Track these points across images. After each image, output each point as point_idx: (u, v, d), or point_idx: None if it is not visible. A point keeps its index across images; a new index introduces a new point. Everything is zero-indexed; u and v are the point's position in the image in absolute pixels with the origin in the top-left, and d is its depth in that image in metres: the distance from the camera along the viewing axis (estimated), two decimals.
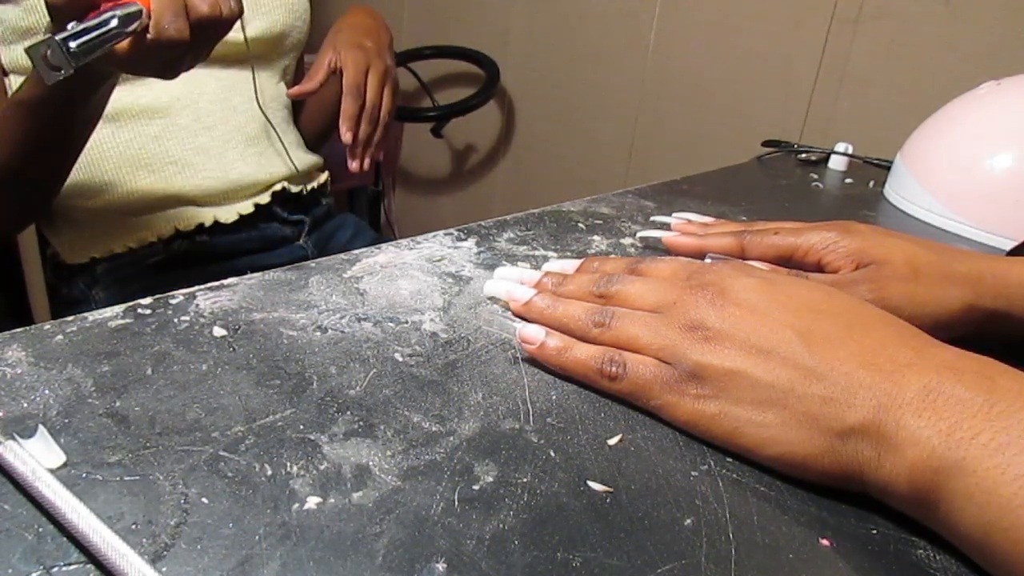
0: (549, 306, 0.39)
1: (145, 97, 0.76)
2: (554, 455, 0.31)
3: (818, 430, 0.29)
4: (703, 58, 1.60)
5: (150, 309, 0.38)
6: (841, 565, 0.27)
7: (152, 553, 0.24)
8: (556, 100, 1.90)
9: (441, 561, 0.25)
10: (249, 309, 0.39)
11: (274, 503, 0.26)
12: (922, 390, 0.28)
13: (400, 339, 0.38)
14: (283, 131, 0.88)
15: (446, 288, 0.44)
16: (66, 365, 0.33)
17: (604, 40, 1.75)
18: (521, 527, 0.27)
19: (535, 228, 0.55)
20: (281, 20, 0.85)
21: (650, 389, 0.33)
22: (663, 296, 0.36)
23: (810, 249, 0.45)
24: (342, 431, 0.31)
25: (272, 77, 0.88)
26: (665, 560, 0.26)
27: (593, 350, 0.35)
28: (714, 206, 0.66)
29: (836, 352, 0.30)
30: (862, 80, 1.40)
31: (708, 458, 0.32)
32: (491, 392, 0.35)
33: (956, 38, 1.27)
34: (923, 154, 0.72)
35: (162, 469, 0.27)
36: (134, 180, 0.77)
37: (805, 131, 1.48)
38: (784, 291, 0.34)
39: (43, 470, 0.25)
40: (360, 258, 0.47)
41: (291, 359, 0.35)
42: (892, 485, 0.28)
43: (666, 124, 1.69)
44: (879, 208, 0.73)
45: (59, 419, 0.29)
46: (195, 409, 0.31)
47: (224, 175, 0.80)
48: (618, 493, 0.29)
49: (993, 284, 0.41)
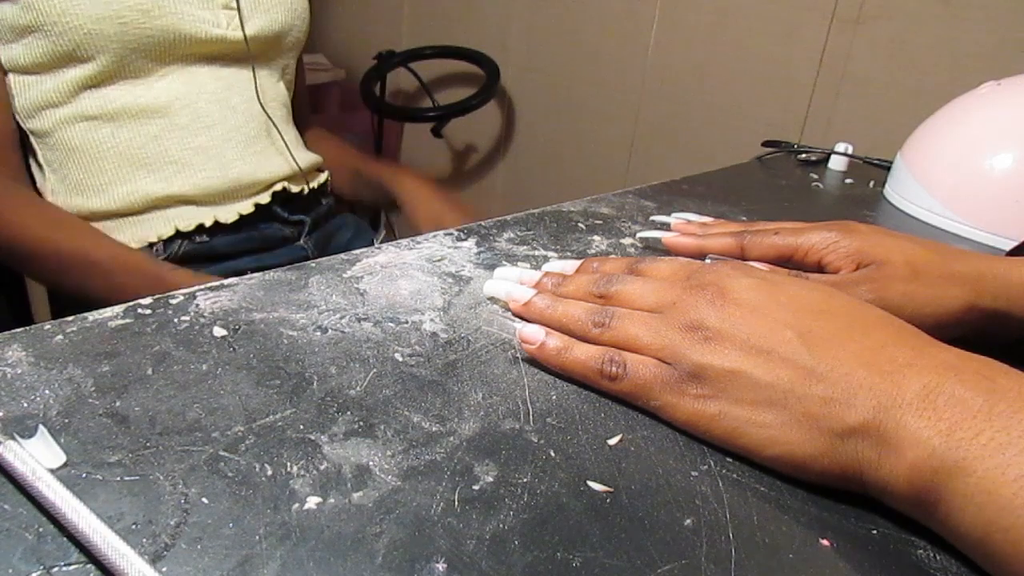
0: (549, 306, 0.39)
1: (144, 97, 0.76)
2: (554, 455, 0.31)
3: (818, 430, 0.29)
4: (703, 58, 1.60)
5: (150, 309, 0.38)
6: (841, 565, 0.27)
7: (152, 553, 0.24)
8: (556, 100, 1.90)
9: (441, 561, 0.25)
10: (249, 309, 0.39)
11: (274, 503, 0.26)
12: (922, 390, 0.28)
13: (400, 339, 0.38)
14: (283, 130, 0.88)
15: (446, 288, 0.44)
16: (66, 365, 0.33)
17: (604, 40, 1.75)
18: (521, 527, 0.27)
19: (535, 228, 0.55)
20: (280, 19, 0.85)
21: (650, 389, 0.33)
22: (663, 296, 0.36)
23: (810, 249, 0.45)
24: (342, 431, 0.31)
25: (272, 76, 0.88)
26: (665, 560, 0.26)
27: (593, 350, 0.35)
28: (714, 206, 0.66)
29: (836, 352, 0.30)
30: (862, 80, 1.40)
31: (708, 458, 0.32)
32: (491, 392, 0.35)
33: (956, 38, 1.27)
34: (923, 154, 0.72)
35: (162, 469, 0.27)
36: (134, 180, 0.77)
37: (805, 131, 1.48)
38: (784, 291, 0.34)
39: (43, 470, 0.25)
40: (360, 258, 0.47)
41: (291, 359, 0.35)
42: (892, 485, 0.28)
43: (666, 124, 1.70)
44: (879, 208, 0.73)
45: (59, 419, 0.29)
46: (195, 409, 0.31)
47: (223, 174, 0.80)
48: (618, 493, 0.29)
49: (993, 284, 0.41)
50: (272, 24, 0.84)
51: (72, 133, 0.75)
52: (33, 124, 0.74)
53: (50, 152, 0.76)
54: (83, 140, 0.75)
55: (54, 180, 0.76)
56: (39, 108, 0.73)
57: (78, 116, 0.74)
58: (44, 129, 0.75)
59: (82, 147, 0.75)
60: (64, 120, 0.74)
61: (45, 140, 0.75)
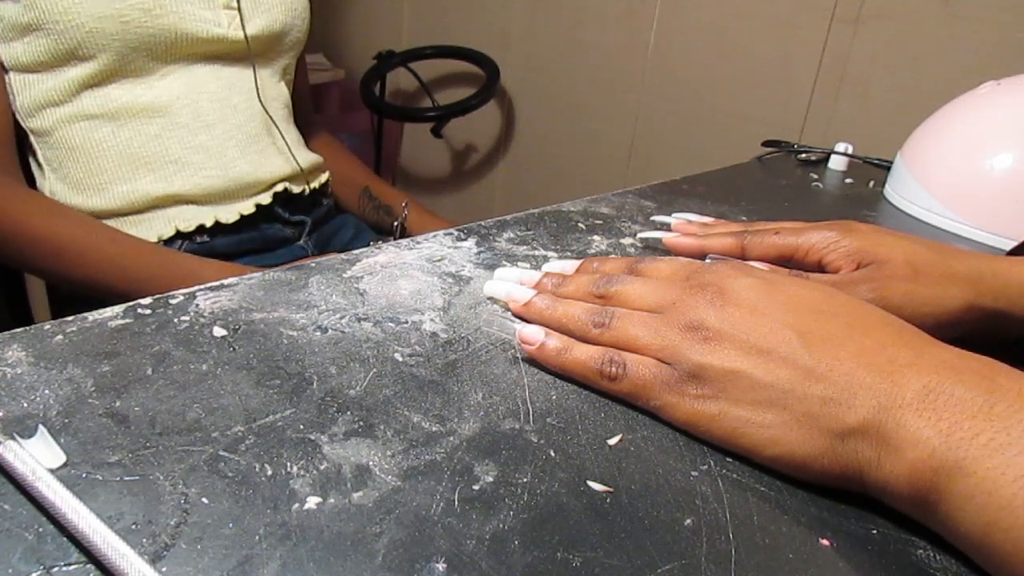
0: (549, 306, 0.39)
1: (145, 96, 0.76)
2: (554, 455, 0.31)
3: (818, 431, 0.29)
4: (703, 58, 1.60)
5: (150, 309, 0.38)
6: (841, 565, 0.27)
7: (152, 553, 0.24)
8: (556, 100, 1.90)
9: (441, 561, 0.25)
10: (249, 309, 0.39)
11: (274, 503, 0.26)
12: (922, 390, 0.28)
13: (400, 339, 0.38)
14: (284, 130, 0.88)
15: (446, 288, 0.44)
16: (66, 365, 0.33)
17: (604, 40, 1.75)
18: (521, 527, 0.27)
19: (535, 228, 0.55)
20: (280, 18, 0.85)
21: (650, 389, 0.33)
22: (663, 296, 0.36)
23: (811, 249, 0.45)
24: (342, 431, 0.31)
25: (273, 76, 0.88)
26: (665, 560, 0.26)
27: (593, 351, 0.35)
28: (714, 206, 0.66)
29: (836, 352, 0.30)
30: (862, 80, 1.40)
31: (708, 458, 0.32)
32: (491, 392, 0.35)
33: (956, 38, 1.27)
34: (923, 154, 0.72)
35: (162, 469, 0.27)
36: (134, 179, 0.77)
37: (805, 131, 1.48)
38: (784, 291, 0.34)
39: (43, 470, 0.25)
40: (360, 258, 0.47)
41: (291, 359, 0.35)
42: (892, 485, 0.28)
43: (666, 124, 1.70)
44: (879, 208, 0.73)
45: (59, 419, 0.29)
46: (195, 409, 0.31)
47: (224, 173, 0.80)
48: (618, 493, 0.29)
49: (993, 284, 0.41)
50: (273, 24, 0.84)
51: (73, 132, 0.75)
52: (33, 123, 0.74)
53: (50, 151, 0.76)
54: (84, 139, 0.75)
55: (54, 179, 0.76)
56: (40, 107, 0.73)
57: (79, 115, 0.74)
58: (44, 128, 0.75)
59: (82, 146, 0.75)
60: (65, 119, 0.74)
61: (45, 139, 0.75)
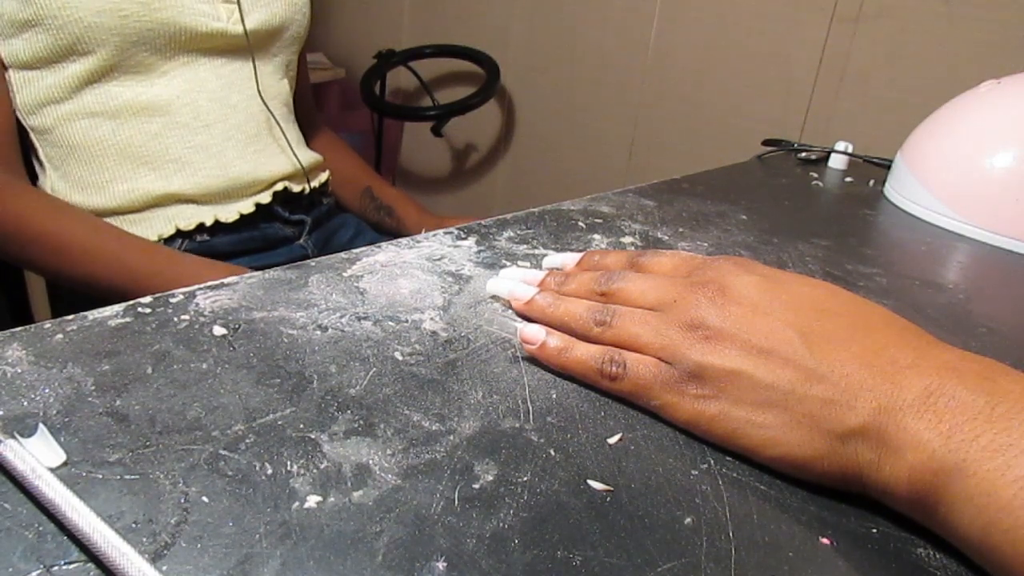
0: (551, 304, 0.39)
1: (145, 94, 0.76)
2: (554, 454, 0.31)
3: (818, 432, 0.29)
4: (703, 58, 1.60)
5: (150, 308, 0.38)
6: (841, 564, 0.27)
7: (152, 552, 0.24)
8: (556, 99, 1.89)
9: (441, 560, 0.25)
10: (249, 308, 0.39)
11: (274, 502, 0.26)
12: (923, 392, 0.28)
13: (400, 338, 0.38)
14: (285, 128, 0.88)
15: (446, 287, 0.44)
16: (66, 364, 0.32)
17: (604, 40, 1.75)
18: (521, 526, 0.27)
19: (535, 227, 0.55)
20: (280, 13, 0.85)
21: (650, 389, 0.33)
22: (664, 294, 0.36)
23: None
24: (342, 430, 0.31)
25: (274, 74, 0.88)
26: (665, 559, 0.26)
27: (593, 350, 0.35)
28: (714, 205, 0.66)
29: (838, 353, 0.30)
30: (862, 79, 1.40)
31: (708, 457, 0.32)
32: (491, 391, 0.35)
33: (956, 38, 1.27)
34: (923, 153, 0.72)
35: (162, 468, 0.27)
36: (134, 178, 0.77)
37: (805, 130, 1.48)
38: (786, 289, 0.34)
39: (43, 469, 0.25)
40: (360, 257, 0.47)
41: (291, 358, 0.35)
42: (892, 487, 0.28)
43: (666, 124, 1.69)
44: (879, 207, 0.73)
45: (59, 418, 0.29)
46: (195, 408, 0.31)
47: (223, 173, 0.80)
48: (618, 492, 0.29)
49: None
50: (272, 18, 0.84)
51: (73, 130, 0.75)
52: (34, 121, 0.74)
53: (51, 149, 0.76)
54: (84, 137, 0.75)
55: (55, 177, 0.76)
56: (40, 104, 0.73)
57: (79, 113, 0.74)
58: (45, 126, 0.75)
59: (83, 144, 0.75)
60: (65, 117, 0.74)
61: (46, 137, 0.75)
